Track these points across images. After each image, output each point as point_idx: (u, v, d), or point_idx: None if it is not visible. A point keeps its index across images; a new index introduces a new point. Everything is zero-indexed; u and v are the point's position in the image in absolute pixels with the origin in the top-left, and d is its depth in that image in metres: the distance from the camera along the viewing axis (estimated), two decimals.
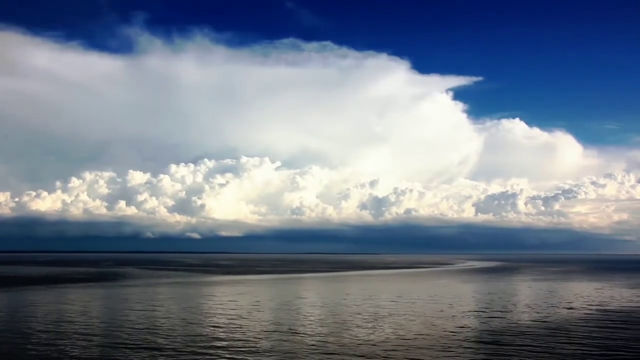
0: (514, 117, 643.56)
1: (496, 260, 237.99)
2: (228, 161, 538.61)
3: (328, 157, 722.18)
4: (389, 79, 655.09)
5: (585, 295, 57.96)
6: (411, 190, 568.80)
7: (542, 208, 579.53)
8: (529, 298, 54.24)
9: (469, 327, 33.78)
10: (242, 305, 45.38)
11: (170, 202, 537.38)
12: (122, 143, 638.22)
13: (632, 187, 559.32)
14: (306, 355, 25.31)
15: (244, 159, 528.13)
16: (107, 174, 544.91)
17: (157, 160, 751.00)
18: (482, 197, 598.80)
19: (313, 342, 28.42)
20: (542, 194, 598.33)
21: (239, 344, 28.08)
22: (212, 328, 33.23)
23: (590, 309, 44.08)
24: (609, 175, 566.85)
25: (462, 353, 25.97)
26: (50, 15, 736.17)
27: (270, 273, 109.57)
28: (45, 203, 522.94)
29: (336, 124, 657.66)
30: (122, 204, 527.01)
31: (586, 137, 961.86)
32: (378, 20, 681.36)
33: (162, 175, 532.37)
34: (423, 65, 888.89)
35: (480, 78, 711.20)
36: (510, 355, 25.47)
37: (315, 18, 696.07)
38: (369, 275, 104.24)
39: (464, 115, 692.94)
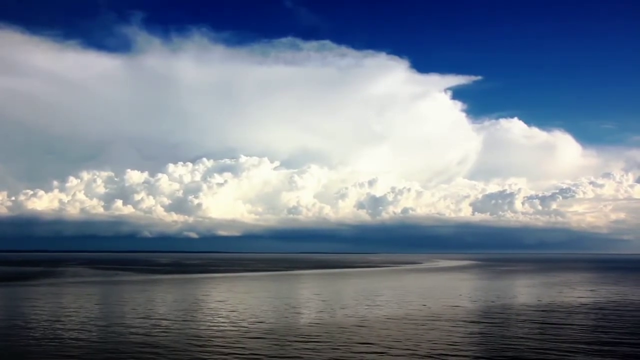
0: (512, 117, 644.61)
1: (475, 260, 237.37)
2: (226, 161, 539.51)
3: (327, 156, 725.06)
4: (388, 78, 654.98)
5: (469, 291, 57.43)
6: (409, 190, 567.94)
7: (540, 207, 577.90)
8: (398, 293, 53.72)
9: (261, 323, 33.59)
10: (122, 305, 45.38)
11: (168, 202, 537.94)
12: (120, 142, 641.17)
13: (630, 186, 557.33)
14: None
15: (242, 159, 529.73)
16: (104, 174, 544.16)
17: (155, 159, 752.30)
18: (480, 196, 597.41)
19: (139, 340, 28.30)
20: (540, 194, 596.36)
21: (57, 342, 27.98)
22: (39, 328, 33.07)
23: (447, 305, 43.56)
24: (607, 175, 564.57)
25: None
26: (49, 14, 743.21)
27: (217, 272, 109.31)
28: (43, 202, 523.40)
29: (335, 123, 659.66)
30: (119, 203, 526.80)
31: (585, 137, 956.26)
32: (377, 19, 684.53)
33: (159, 175, 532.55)
34: (422, 64, 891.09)
35: (479, 77, 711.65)
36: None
37: (314, 17, 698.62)
38: (320, 274, 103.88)
39: (463, 115, 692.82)
